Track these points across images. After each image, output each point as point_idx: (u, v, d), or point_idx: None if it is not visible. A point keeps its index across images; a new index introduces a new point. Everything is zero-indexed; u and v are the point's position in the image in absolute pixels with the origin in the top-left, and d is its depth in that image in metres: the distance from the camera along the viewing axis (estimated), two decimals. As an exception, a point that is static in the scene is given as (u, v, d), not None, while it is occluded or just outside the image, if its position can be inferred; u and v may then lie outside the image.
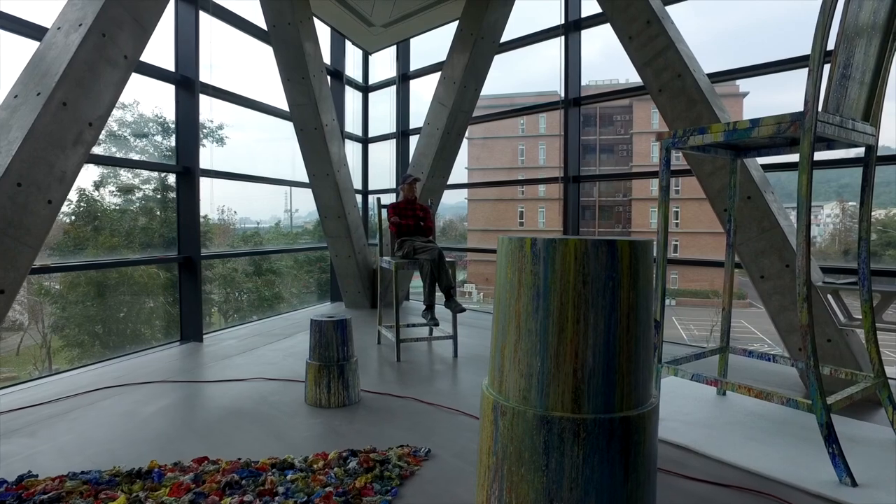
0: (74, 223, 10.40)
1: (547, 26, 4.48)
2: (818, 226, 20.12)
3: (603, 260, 1.27)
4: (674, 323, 19.01)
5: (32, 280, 9.39)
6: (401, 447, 2.07)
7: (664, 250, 2.36)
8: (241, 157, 15.47)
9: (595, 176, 6.95)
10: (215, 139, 12.67)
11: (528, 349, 1.33)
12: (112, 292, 9.38)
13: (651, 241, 1.37)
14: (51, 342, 9.24)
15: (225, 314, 12.27)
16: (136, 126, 11.69)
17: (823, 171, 19.48)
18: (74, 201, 10.39)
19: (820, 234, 19.84)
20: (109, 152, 11.48)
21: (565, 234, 4.66)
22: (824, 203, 19.99)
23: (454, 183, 5.72)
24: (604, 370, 1.28)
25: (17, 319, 9.67)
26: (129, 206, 11.08)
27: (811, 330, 1.90)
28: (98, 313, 9.12)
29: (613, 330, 1.28)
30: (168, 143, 12.05)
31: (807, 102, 1.86)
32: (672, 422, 2.35)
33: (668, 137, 2.30)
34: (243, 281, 13.25)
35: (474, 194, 23.95)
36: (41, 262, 3.10)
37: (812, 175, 1.91)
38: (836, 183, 20.20)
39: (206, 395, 2.74)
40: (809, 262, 1.91)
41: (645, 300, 1.34)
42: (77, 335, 9.41)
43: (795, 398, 1.93)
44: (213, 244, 13.04)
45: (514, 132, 23.82)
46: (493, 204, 24.41)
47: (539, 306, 1.31)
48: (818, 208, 20.32)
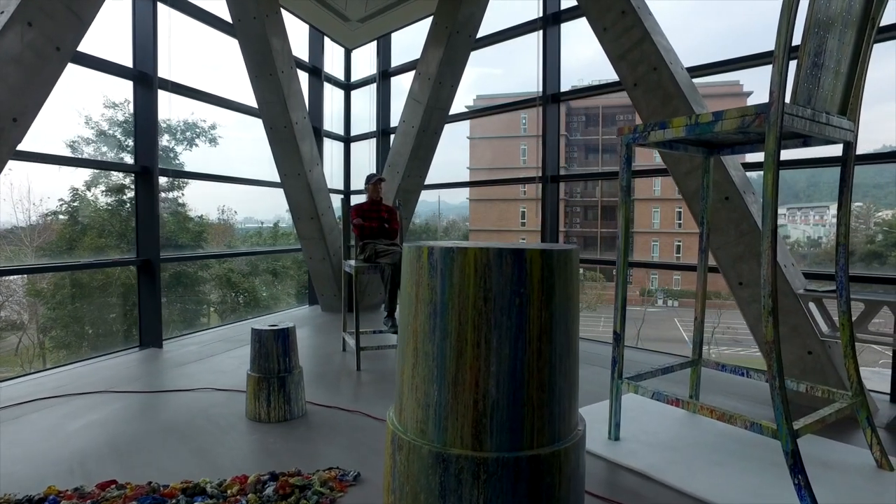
0: (66, 223, 10.27)
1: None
2: (824, 226, 19.79)
3: (508, 272, 1.10)
4: (676, 325, 18.75)
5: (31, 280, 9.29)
6: (329, 470, 1.91)
7: (625, 255, 2.17)
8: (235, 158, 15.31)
9: (574, 175, 6.73)
10: (208, 139, 12.54)
11: (425, 375, 1.16)
12: (101, 294, 9.27)
13: (574, 249, 1.20)
14: (43, 342, 9.16)
15: (221, 314, 12.18)
16: (128, 125, 11.59)
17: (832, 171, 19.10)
18: (67, 201, 10.29)
19: (826, 235, 19.49)
20: (100, 152, 11.39)
21: (543, 237, 4.48)
22: (831, 203, 19.64)
23: (445, 182, 5.55)
24: (509, 401, 1.11)
25: (16, 319, 9.62)
26: (121, 207, 10.99)
27: (777, 346, 1.71)
28: (83, 315, 9.00)
29: (521, 355, 1.11)
30: (160, 141, 11.92)
31: (772, 93, 1.67)
32: (633, 443, 2.16)
33: (628, 133, 2.11)
34: (241, 282, 13.15)
35: (476, 194, 23.76)
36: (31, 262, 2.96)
37: (778, 174, 1.72)
38: (844, 183, 19.75)
39: (144, 408, 2.58)
40: (776, 271, 1.72)
41: (563, 320, 1.16)
42: (65, 336, 9.31)
43: (760, 422, 1.74)
44: (207, 244, 12.95)
45: (516, 132, 23.58)
46: (495, 204, 24.20)
47: (436, 326, 1.14)
48: (824, 209, 20.01)
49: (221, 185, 5.26)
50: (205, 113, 11.46)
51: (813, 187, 21.41)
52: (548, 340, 1.12)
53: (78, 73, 3.42)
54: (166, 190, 11.49)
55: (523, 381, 1.11)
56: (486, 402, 1.10)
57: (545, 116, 4.21)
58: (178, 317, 10.90)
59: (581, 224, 26.26)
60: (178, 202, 11.63)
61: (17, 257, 9.43)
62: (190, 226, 12.25)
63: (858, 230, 16.39)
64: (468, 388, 1.11)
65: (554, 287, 1.13)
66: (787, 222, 20.37)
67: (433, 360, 1.14)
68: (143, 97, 3.60)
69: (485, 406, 1.11)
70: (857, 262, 13.76)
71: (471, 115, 4.88)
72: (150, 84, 3.58)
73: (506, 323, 1.10)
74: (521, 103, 4.50)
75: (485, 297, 1.10)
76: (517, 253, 1.10)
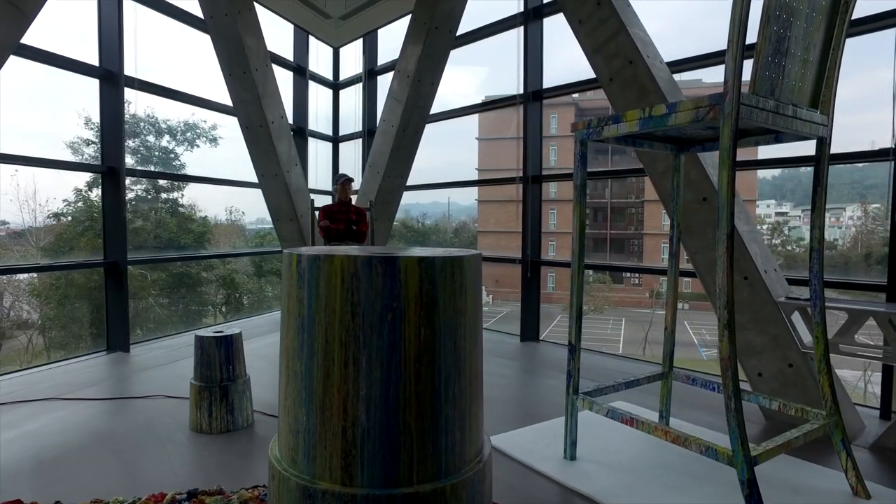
0: (69, 224, 10.35)
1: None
2: (840, 228, 19.23)
3: (378, 284, 0.96)
4: (685, 328, 18.36)
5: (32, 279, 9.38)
6: (254, 488, 1.78)
7: (580, 259, 2.02)
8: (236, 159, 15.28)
9: (554, 176, 6.50)
10: (209, 139, 12.56)
11: (294, 397, 1.03)
12: (98, 294, 9.29)
13: (470, 255, 1.05)
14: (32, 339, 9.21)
15: (225, 315, 12.21)
16: (130, 126, 11.65)
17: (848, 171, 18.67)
18: (72, 202, 10.40)
19: (842, 237, 18.93)
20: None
21: (524, 239, 4.32)
22: (847, 205, 19.09)
23: (425, 184, 5.42)
24: (382, 430, 0.97)
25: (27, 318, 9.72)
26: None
27: (733, 363, 1.55)
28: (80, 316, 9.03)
29: (395, 378, 0.97)
30: (160, 142, 11.93)
31: (726, 81, 1.51)
32: (589, 463, 2.00)
33: (582, 128, 1.96)
34: (244, 282, 13.18)
35: (484, 195, 23.58)
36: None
37: (734, 172, 1.56)
38: (861, 185, 19.30)
39: (87, 416, 2.49)
40: (732, 281, 1.56)
41: (451, 338, 1.01)
42: (63, 337, 9.37)
43: (715, 447, 1.58)
44: (212, 245, 12.97)
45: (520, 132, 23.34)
46: (503, 205, 23.99)
47: (304, 342, 1.01)
48: (840, 210, 19.44)
49: (229, 187, 5.19)
50: (205, 113, 11.47)
51: (829, 189, 20.85)
52: (429, 362, 0.98)
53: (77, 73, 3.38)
54: (167, 191, 11.56)
55: (398, 408, 0.97)
56: (356, 430, 0.97)
57: (526, 115, 4.05)
58: (178, 318, 10.93)
59: (590, 226, 25.97)
60: (178, 203, 11.68)
61: (23, 258, 9.53)
62: (193, 227, 12.29)
63: (876, 232, 15.87)
64: (336, 414, 0.98)
65: (437, 300, 0.99)
66: (800, 224, 19.86)
67: (302, 380, 1.01)
68: (110, 96, 3.53)
69: (354, 435, 0.97)
70: (875, 265, 13.28)
71: (449, 115, 4.73)
72: (117, 82, 3.50)
73: (376, 341, 0.96)
74: (501, 101, 4.35)
75: (352, 311, 0.96)
76: (389, 261, 0.96)
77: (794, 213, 20.39)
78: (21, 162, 3.21)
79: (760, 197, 20.45)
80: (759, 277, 2.47)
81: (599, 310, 19.35)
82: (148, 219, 11.30)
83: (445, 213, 24.40)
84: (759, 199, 20.36)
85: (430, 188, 5.20)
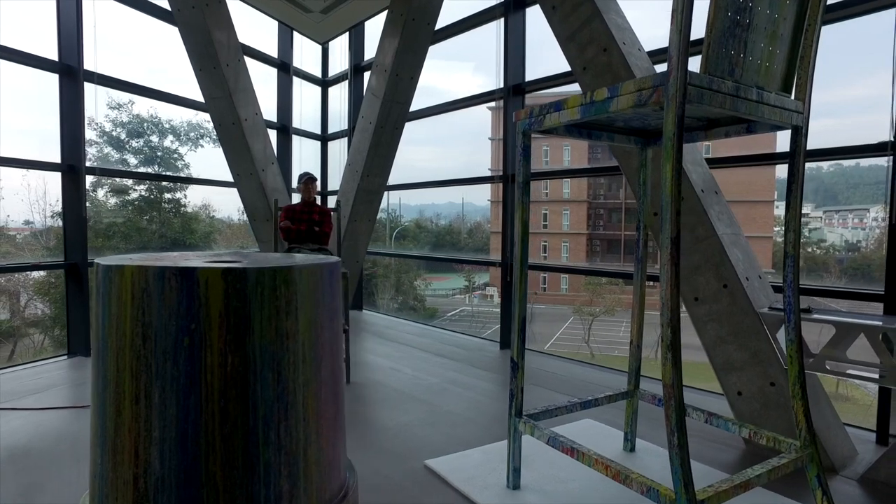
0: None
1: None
2: (864, 230, 18.49)
3: (173, 301, 0.77)
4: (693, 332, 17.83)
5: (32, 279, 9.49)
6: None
7: (523, 262, 1.81)
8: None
9: (539, 173, 6.24)
10: (212, 139, 12.58)
11: (91, 435, 0.85)
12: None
13: (298, 267, 0.86)
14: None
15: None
16: (132, 126, 11.68)
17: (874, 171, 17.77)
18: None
19: (865, 239, 18.20)
20: (102, 153, 11.50)
21: (504, 239, 4.10)
22: (871, 206, 18.36)
23: (405, 183, 5.25)
24: (179, 480, 0.78)
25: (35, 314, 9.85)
26: (122, 208, 11.10)
27: (677, 392, 1.32)
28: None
29: (194, 416, 0.78)
30: (164, 143, 11.94)
31: (671, 58, 1.29)
32: (532, 493, 1.79)
33: (524, 118, 1.75)
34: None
35: (497, 195, 23.32)
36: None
37: (681, 164, 1.33)
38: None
39: (9, 429, 2.36)
40: (678, 292, 1.33)
41: (272, 368, 0.82)
42: (61, 336, 9.42)
43: (658, 487, 1.36)
44: (216, 244, 12.98)
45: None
46: (515, 205, 23.68)
47: (99, 372, 0.82)
48: (864, 211, 18.70)
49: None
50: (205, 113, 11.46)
51: (853, 189, 20.17)
52: (239, 397, 0.79)
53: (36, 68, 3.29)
54: (170, 191, 11.59)
55: (199, 453, 0.78)
56: (149, 479, 0.78)
57: (507, 110, 3.83)
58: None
59: (604, 227, 25.51)
60: (181, 203, 11.71)
61: (33, 257, 9.65)
62: (200, 227, 12.31)
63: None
64: (128, 459, 0.79)
65: (251, 321, 0.80)
66: (822, 225, 19.18)
67: (97, 416, 0.83)
68: (69, 91, 3.42)
69: (146, 485, 0.78)
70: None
71: (431, 113, 4.54)
72: (76, 77, 3.40)
73: (171, 371, 0.77)
74: (480, 96, 4.14)
75: (143, 333, 0.78)
76: (185, 274, 0.77)
77: (816, 215, 19.69)
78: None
79: (779, 197, 19.79)
80: (740, 286, 2.22)
81: (611, 312, 18.92)
82: (153, 219, 11.38)
83: (460, 213, 24.19)
84: (778, 200, 19.70)
85: (410, 188, 5.04)
